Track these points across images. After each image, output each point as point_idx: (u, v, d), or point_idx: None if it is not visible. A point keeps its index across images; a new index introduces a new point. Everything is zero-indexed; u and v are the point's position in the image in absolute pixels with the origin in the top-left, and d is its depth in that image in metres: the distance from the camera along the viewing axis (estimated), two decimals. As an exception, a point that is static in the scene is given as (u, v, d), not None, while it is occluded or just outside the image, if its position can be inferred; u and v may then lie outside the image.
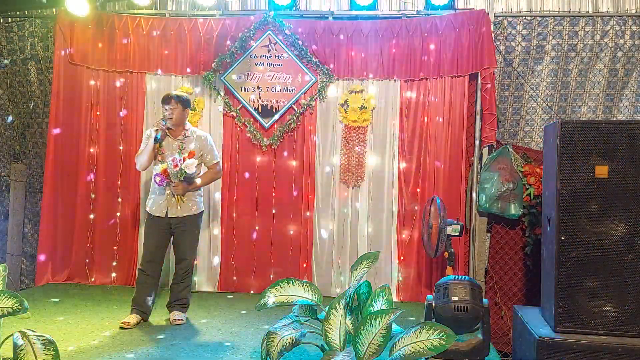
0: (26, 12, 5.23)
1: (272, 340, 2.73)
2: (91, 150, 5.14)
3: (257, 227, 5.03)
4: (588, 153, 3.16)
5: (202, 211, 4.14)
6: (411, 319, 4.09)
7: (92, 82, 5.14)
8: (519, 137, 4.98)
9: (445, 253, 4.12)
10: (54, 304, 4.38)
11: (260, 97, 5.00)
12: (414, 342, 2.50)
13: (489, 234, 4.82)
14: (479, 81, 4.75)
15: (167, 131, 3.97)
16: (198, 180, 4.00)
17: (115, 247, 5.10)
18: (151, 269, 3.95)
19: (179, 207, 3.94)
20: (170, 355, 3.38)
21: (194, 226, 4.05)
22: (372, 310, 2.78)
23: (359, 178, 4.92)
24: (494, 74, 4.73)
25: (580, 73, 4.84)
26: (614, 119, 4.81)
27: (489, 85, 4.69)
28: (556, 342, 3.09)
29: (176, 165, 3.79)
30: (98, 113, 5.14)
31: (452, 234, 4.10)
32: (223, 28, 5.00)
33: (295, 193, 5.00)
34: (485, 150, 4.79)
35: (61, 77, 5.07)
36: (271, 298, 3.00)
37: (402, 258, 4.87)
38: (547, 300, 3.36)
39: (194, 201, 4.01)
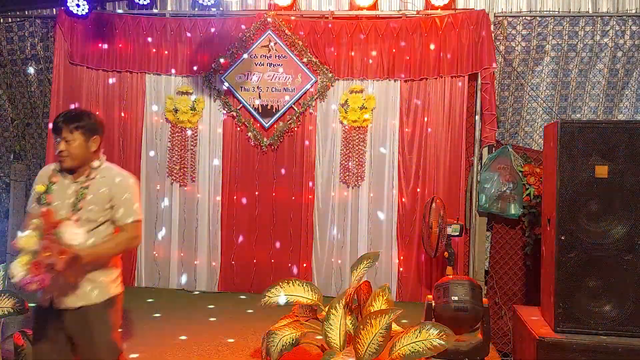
0: (26, 12, 5.23)
1: (272, 340, 2.74)
2: (91, 150, 5.14)
3: (257, 228, 5.03)
4: (588, 153, 3.16)
5: (115, 296, 2.48)
6: (411, 319, 4.09)
7: (91, 82, 5.14)
8: (519, 137, 4.98)
9: (445, 253, 4.12)
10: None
11: (260, 97, 5.00)
12: (414, 342, 2.50)
13: (489, 234, 4.82)
14: (479, 81, 4.75)
15: (61, 166, 2.47)
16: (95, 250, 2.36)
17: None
18: None
19: (69, 293, 2.37)
20: (170, 355, 3.38)
21: (99, 321, 2.42)
22: (372, 310, 2.78)
23: (359, 178, 4.91)
24: (493, 74, 4.72)
25: (580, 73, 4.84)
26: (615, 119, 4.80)
27: (488, 85, 4.69)
28: (556, 342, 3.09)
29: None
30: (97, 113, 5.11)
31: (452, 234, 4.09)
32: (223, 28, 5.00)
33: (295, 193, 4.99)
34: (485, 150, 4.79)
35: (61, 77, 5.06)
36: (271, 298, 3.01)
37: (402, 258, 4.87)
38: (547, 300, 3.36)
39: (97, 282, 2.42)
